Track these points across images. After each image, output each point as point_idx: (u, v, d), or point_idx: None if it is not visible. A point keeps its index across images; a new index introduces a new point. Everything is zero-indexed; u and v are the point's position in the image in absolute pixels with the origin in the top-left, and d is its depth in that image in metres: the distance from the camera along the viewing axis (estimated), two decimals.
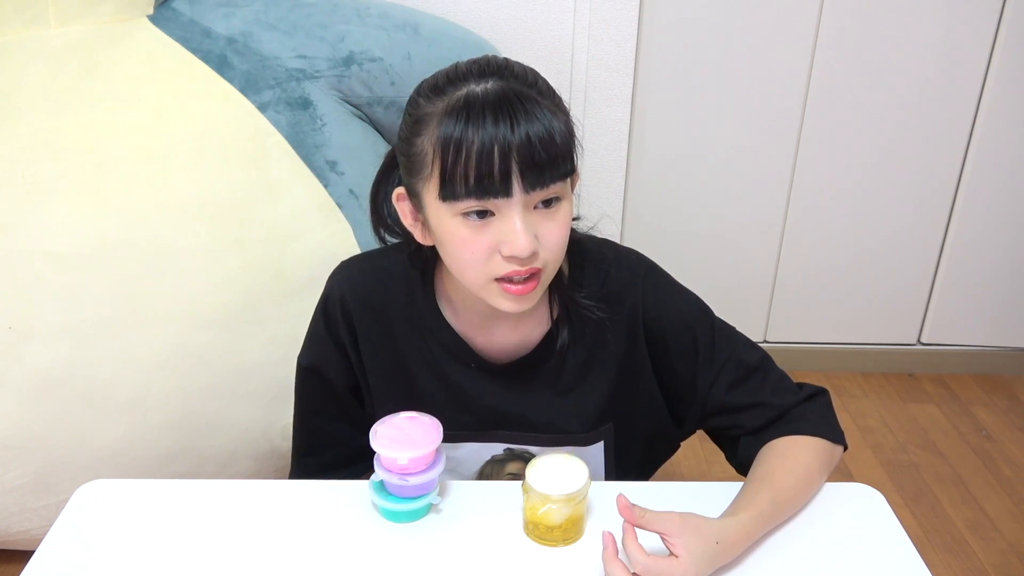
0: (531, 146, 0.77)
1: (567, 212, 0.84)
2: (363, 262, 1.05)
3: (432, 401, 0.99)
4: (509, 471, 1.04)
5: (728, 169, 2.14)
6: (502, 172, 0.78)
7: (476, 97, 0.79)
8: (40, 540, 0.87)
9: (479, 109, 0.78)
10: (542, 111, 0.79)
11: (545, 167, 0.79)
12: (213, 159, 1.37)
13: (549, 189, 0.80)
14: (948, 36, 1.99)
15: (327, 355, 1.02)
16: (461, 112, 0.78)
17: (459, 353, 0.98)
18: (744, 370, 0.97)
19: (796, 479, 0.90)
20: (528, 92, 0.80)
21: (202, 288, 1.33)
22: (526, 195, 0.79)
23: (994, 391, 2.29)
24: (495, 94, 0.79)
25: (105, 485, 0.96)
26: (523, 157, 0.77)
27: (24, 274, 1.26)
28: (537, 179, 0.79)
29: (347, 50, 1.53)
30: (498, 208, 0.80)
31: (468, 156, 0.77)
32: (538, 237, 0.81)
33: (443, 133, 0.79)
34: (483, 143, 0.77)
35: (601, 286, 0.97)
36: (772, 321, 2.32)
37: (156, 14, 1.48)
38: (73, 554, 0.86)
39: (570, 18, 1.88)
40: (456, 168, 0.78)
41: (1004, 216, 2.17)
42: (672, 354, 0.98)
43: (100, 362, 1.29)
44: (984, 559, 1.73)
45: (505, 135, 0.77)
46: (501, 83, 0.80)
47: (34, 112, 1.34)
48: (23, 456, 1.31)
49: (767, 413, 0.96)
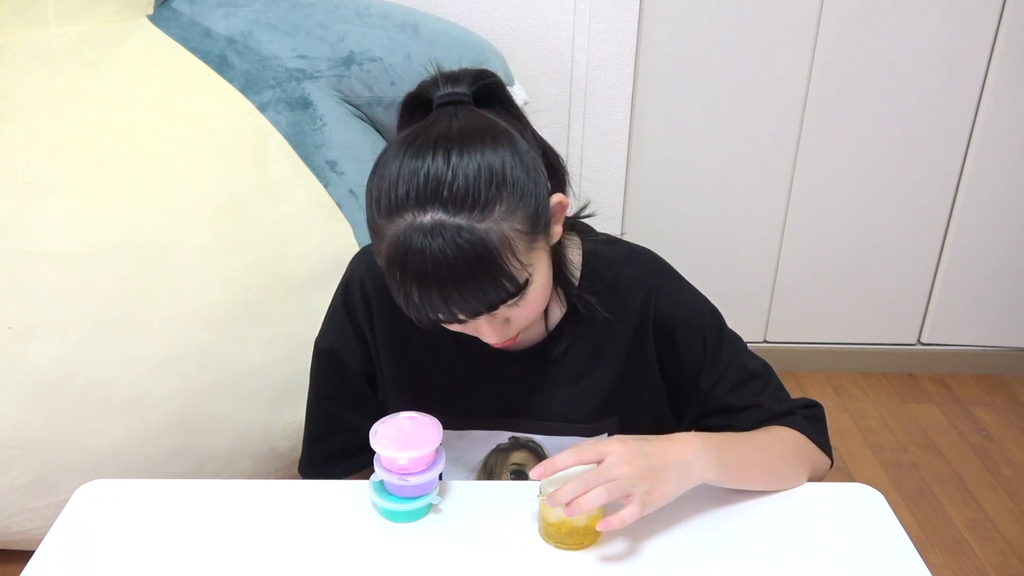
0: (477, 311, 0.80)
1: (535, 293, 0.84)
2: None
3: (441, 387, 1.01)
4: (514, 460, 1.05)
5: (728, 169, 2.14)
6: (448, 317, 0.81)
7: (413, 254, 0.77)
8: (40, 540, 0.87)
9: (421, 279, 0.78)
10: (485, 272, 0.78)
11: (494, 307, 0.81)
12: (213, 159, 1.37)
13: (505, 310, 0.83)
14: (948, 36, 1.99)
15: (345, 339, 1.04)
16: (405, 280, 0.79)
17: (471, 342, 0.99)
18: (746, 374, 0.99)
19: (770, 443, 0.94)
20: (468, 239, 0.77)
21: (202, 288, 1.33)
22: (481, 319, 0.83)
23: (994, 391, 2.29)
24: (433, 258, 0.77)
25: (105, 485, 0.96)
26: (466, 312, 0.80)
27: (24, 274, 1.26)
28: (482, 310, 0.81)
29: (347, 50, 1.53)
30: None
31: (411, 308, 0.81)
32: (511, 319, 0.85)
33: (390, 278, 0.81)
34: (432, 315, 0.80)
35: (612, 282, 0.99)
36: (772, 321, 2.32)
37: (156, 14, 1.48)
38: (73, 554, 0.86)
39: (570, 18, 1.88)
40: (409, 310, 0.81)
41: (1004, 216, 2.17)
42: (680, 351, 0.99)
43: (100, 362, 1.29)
44: (984, 559, 1.73)
45: (455, 305, 0.79)
46: (439, 217, 0.77)
47: (34, 112, 1.34)
48: (23, 456, 1.31)
49: (763, 416, 0.97)
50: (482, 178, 0.78)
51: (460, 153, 0.78)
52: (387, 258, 0.80)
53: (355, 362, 1.04)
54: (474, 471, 1.06)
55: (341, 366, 1.05)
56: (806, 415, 0.99)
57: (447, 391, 1.01)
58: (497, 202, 0.78)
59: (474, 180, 0.78)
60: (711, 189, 2.16)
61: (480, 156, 0.78)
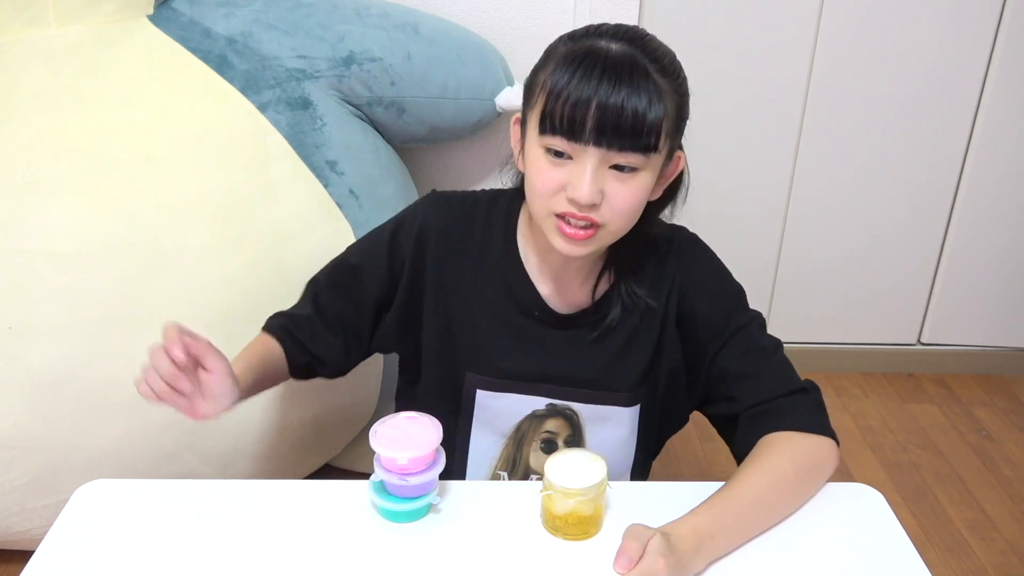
0: (620, 111, 0.84)
1: (640, 184, 0.89)
2: (454, 197, 1.09)
3: (486, 344, 1.03)
4: (547, 428, 1.06)
5: (728, 168, 2.13)
6: (586, 125, 0.84)
7: (595, 53, 0.86)
8: (40, 540, 0.87)
9: (591, 64, 0.85)
10: (649, 84, 0.85)
11: (626, 134, 0.85)
12: (213, 159, 1.37)
13: (623, 155, 0.86)
14: (948, 36, 1.99)
15: (376, 269, 1.06)
16: (577, 62, 0.86)
17: (525, 299, 1.02)
18: (752, 345, 1.02)
19: (768, 481, 0.91)
20: (646, 65, 0.86)
21: (202, 288, 1.33)
22: (601, 151, 0.86)
23: (994, 391, 2.29)
24: (613, 56, 0.85)
25: (105, 485, 0.96)
26: (609, 118, 0.84)
27: (24, 274, 1.26)
28: (613, 141, 0.85)
29: (347, 50, 1.53)
30: (576, 154, 0.87)
31: (565, 102, 0.85)
32: (604, 193, 0.88)
33: (555, 74, 0.86)
34: (580, 95, 0.84)
35: (656, 269, 1.03)
36: (772, 321, 2.31)
37: (156, 14, 1.48)
38: (73, 554, 0.86)
39: (570, 18, 1.88)
40: (554, 108, 0.85)
41: (1004, 216, 2.17)
42: (698, 322, 1.03)
43: (100, 362, 1.29)
44: (984, 559, 1.73)
45: (602, 94, 0.83)
46: (627, 49, 0.86)
47: (34, 112, 1.34)
48: (23, 456, 1.31)
49: (761, 390, 0.98)
50: (669, 55, 0.90)
51: (654, 37, 0.91)
52: (563, 60, 0.87)
53: (374, 289, 1.06)
54: (504, 436, 1.06)
55: (358, 283, 1.07)
56: (806, 401, 0.99)
57: (490, 350, 1.03)
58: (675, 76, 0.89)
59: (664, 51, 0.90)
60: (710, 188, 2.15)
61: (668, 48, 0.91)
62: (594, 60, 0.85)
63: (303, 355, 1.07)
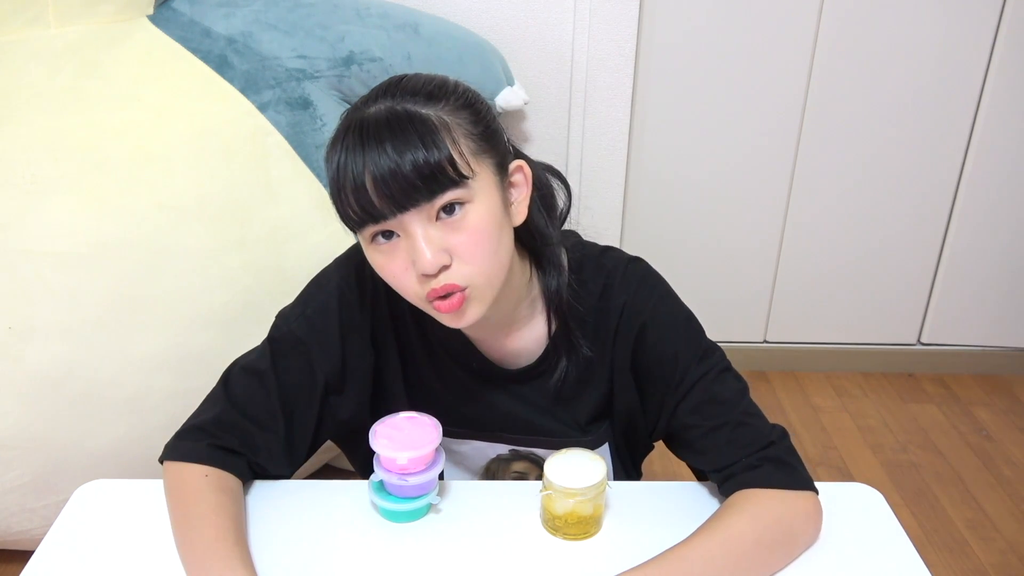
0: (397, 170, 0.76)
1: (477, 218, 0.80)
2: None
3: (436, 397, 1.00)
4: (515, 469, 1.04)
5: (728, 169, 2.14)
6: (375, 201, 0.77)
7: (355, 125, 0.79)
8: (40, 540, 0.87)
9: (355, 139, 0.78)
10: (413, 126, 0.78)
11: (419, 187, 0.77)
12: (213, 159, 1.37)
13: (439, 198, 0.78)
14: (948, 36, 1.99)
15: (326, 339, 0.96)
16: (339, 141, 0.79)
17: (461, 354, 0.98)
18: (713, 397, 0.92)
19: (719, 544, 0.82)
20: (404, 108, 0.79)
21: (202, 288, 1.33)
22: (413, 211, 0.78)
23: (994, 391, 2.30)
24: (370, 119, 0.79)
25: (105, 485, 0.96)
26: (394, 182, 0.76)
27: (24, 274, 1.26)
28: (414, 198, 0.77)
29: (347, 50, 1.53)
30: (399, 227, 0.79)
31: (344, 190, 0.78)
32: (450, 251, 0.79)
33: (330, 162, 0.81)
34: (354, 175, 0.77)
35: (599, 299, 0.95)
36: (772, 321, 2.32)
37: (156, 14, 1.48)
38: (73, 554, 0.86)
39: (570, 18, 1.88)
40: (341, 201, 0.79)
41: (1004, 216, 2.18)
42: (651, 367, 0.95)
43: (100, 362, 1.29)
44: (984, 559, 1.73)
45: (371, 163, 0.76)
46: (382, 104, 0.80)
47: (34, 112, 1.34)
48: (23, 456, 1.31)
49: (726, 453, 0.90)
50: (434, 81, 0.83)
51: (415, 75, 0.85)
52: (331, 140, 0.81)
53: (324, 368, 0.95)
54: (476, 474, 1.06)
55: (306, 366, 0.95)
56: (771, 457, 0.88)
57: (445, 401, 0.99)
58: (445, 97, 0.82)
59: (425, 81, 0.83)
60: (711, 189, 2.16)
61: (433, 76, 0.85)
62: (356, 133, 0.78)
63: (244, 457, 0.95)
